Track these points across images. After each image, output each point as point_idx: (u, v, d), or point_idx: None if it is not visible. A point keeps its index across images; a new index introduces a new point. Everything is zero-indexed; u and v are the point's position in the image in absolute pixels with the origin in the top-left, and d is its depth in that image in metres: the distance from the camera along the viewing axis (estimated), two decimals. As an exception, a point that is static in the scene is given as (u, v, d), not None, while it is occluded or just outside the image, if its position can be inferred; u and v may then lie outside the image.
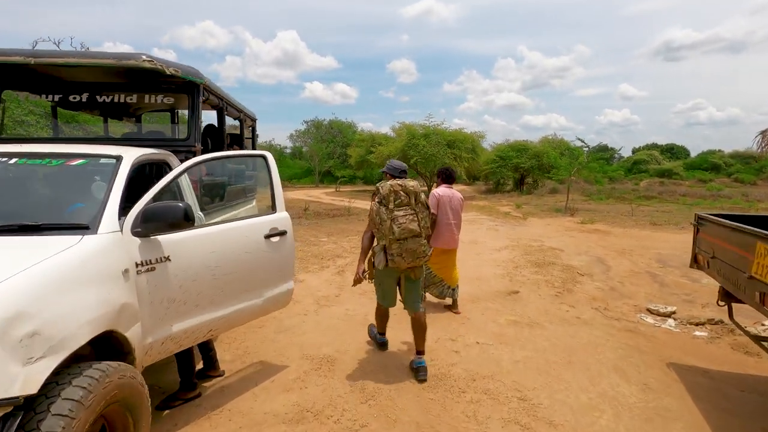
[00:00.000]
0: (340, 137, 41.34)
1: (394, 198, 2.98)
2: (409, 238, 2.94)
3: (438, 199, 4.40)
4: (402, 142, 21.89)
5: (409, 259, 2.96)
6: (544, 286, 5.62)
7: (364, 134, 30.80)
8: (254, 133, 5.73)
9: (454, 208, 4.44)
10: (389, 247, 2.94)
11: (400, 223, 2.92)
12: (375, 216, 3.02)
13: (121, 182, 2.28)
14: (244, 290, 2.72)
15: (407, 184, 3.06)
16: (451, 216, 4.43)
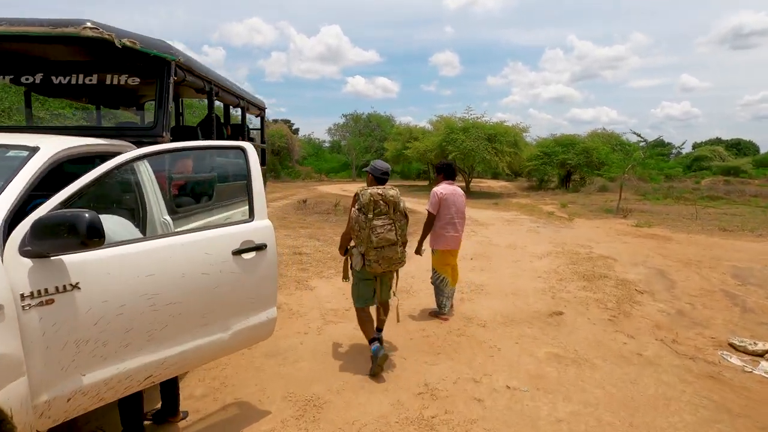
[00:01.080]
0: (378, 131, 40.82)
1: (373, 207, 3.00)
2: (386, 246, 3.01)
3: (440, 199, 4.12)
4: (439, 137, 20.96)
5: (385, 265, 3.06)
6: (594, 306, 4.71)
7: (401, 128, 30.04)
8: (263, 124, 5.18)
9: (458, 206, 4.22)
10: (367, 254, 3.02)
11: (378, 233, 2.97)
12: (354, 223, 3.04)
13: (23, 182, 1.71)
14: (201, 323, 2.11)
15: (387, 193, 3.06)
16: (455, 215, 4.19)
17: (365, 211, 3.00)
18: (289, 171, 35.06)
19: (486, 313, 4.42)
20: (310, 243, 8.05)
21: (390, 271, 3.17)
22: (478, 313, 4.42)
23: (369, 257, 3.01)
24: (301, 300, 4.76)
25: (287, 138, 34.65)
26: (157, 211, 2.60)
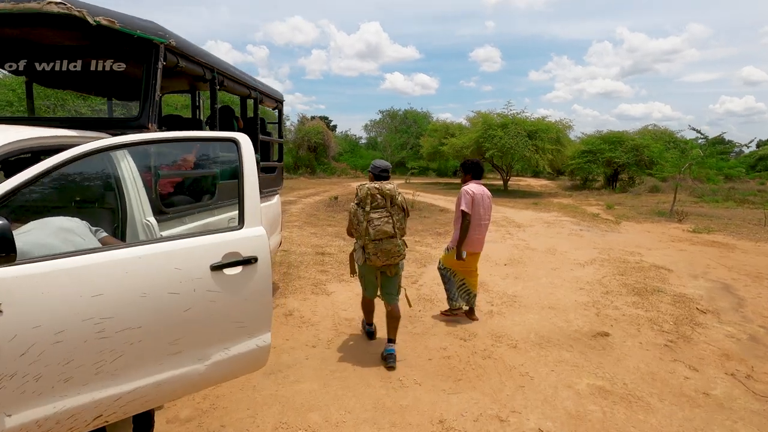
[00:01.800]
0: (415, 127, 40.28)
1: (371, 201, 3.08)
2: (384, 239, 3.06)
3: (472, 198, 3.94)
4: (477, 133, 20.18)
5: (384, 258, 3.10)
6: (647, 327, 4.08)
7: (437, 124, 29.35)
8: (280, 118, 4.87)
9: (486, 207, 4.07)
10: (366, 247, 3.08)
11: (375, 225, 3.04)
12: (353, 217, 3.16)
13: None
14: (168, 352, 1.78)
15: (384, 188, 3.11)
16: (483, 216, 4.05)
17: (363, 205, 3.10)
18: (325, 167, 35.18)
19: (518, 331, 3.91)
20: (335, 242, 7.75)
21: (389, 264, 3.17)
22: (509, 331, 3.92)
23: (368, 250, 3.08)
24: (315, 306, 4.43)
25: (324, 134, 34.76)
26: (138, 211, 2.31)
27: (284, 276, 5.48)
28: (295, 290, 4.91)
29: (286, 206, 13.49)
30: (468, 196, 3.87)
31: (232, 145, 2.31)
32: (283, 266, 5.97)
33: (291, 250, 7.06)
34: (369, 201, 3.07)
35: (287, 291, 4.88)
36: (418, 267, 6.12)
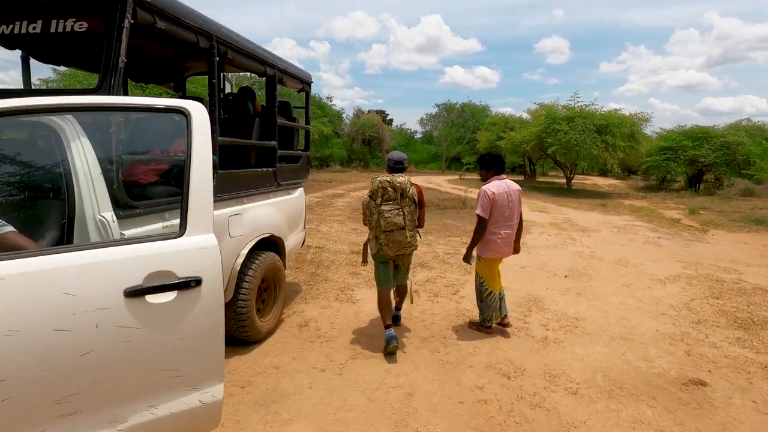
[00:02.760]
0: (472, 121, 38.80)
1: (382, 193, 3.13)
2: (395, 230, 3.11)
3: (492, 200, 3.47)
4: (539, 127, 18.70)
5: (395, 249, 3.17)
6: (761, 376, 3.08)
7: (496, 117, 27.87)
8: (308, 101, 4.34)
9: (513, 206, 3.58)
10: (378, 237, 3.15)
11: (386, 217, 3.10)
12: (366, 209, 3.21)
13: None
14: (53, 414, 1.25)
15: (395, 180, 3.13)
16: (509, 217, 3.57)
17: (374, 197, 3.16)
18: (378, 160, 34.87)
19: (580, 369, 3.09)
20: (374, 241, 7.16)
21: (402, 254, 3.28)
22: (568, 368, 3.11)
23: (380, 241, 3.15)
24: (336, 317, 3.87)
25: (378, 128, 34.45)
26: (91, 204, 1.84)
27: (311, 277, 4.98)
28: (318, 295, 4.39)
29: (333, 199, 13.17)
30: (486, 199, 3.42)
31: (183, 119, 1.73)
32: (312, 265, 5.48)
33: (326, 247, 6.58)
34: (380, 193, 3.14)
35: (309, 296, 4.36)
36: (461, 274, 5.38)
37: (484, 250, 3.57)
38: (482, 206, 3.44)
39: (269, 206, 3.45)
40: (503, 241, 3.54)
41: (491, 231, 3.50)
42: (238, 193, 3.00)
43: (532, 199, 14.83)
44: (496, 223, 3.49)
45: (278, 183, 3.63)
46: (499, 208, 3.46)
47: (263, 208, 3.34)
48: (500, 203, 3.46)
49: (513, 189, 3.55)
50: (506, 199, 3.49)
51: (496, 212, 3.47)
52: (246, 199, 3.13)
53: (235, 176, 2.99)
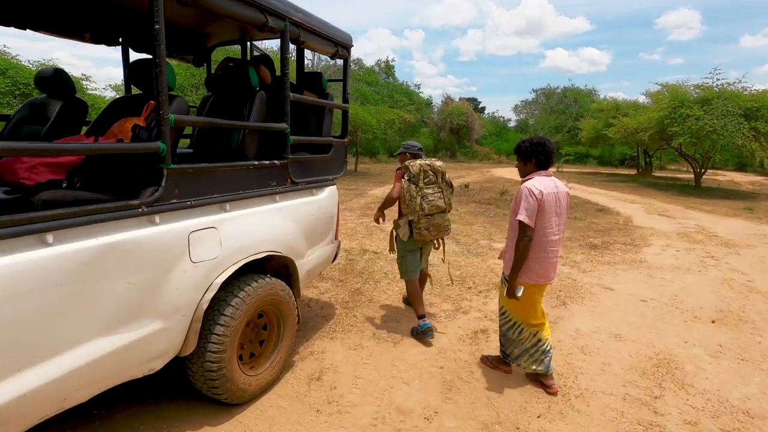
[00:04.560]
0: (575, 108, 34.89)
1: (423, 176, 3.10)
2: (436, 213, 3.10)
3: (538, 201, 2.46)
4: (661, 111, 15.54)
5: (435, 232, 3.15)
6: None
7: (604, 103, 24.30)
8: (346, 72, 3.27)
9: (561, 212, 2.56)
10: (417, 222, 3.09)
11: (429, 200, 3.07)
12: (405, 193, 3.10)
13: None
14: None
15: (435, 164, 3.15)
16: (556, 227, 2.53)
17: (415, 181, 3.08)
18: (467, 150, 32.96)
19: None
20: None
21: (434, 240, 3.26)
22: None
23: (419, 225, 3.09)
24: (364, 367, 2.81)
25: (467, 116, 32.46)
26: None
27: (352, 297, 3.99)
28: (352, 326, 3.37)
29: (408, 193, 12.12)
30: (531, 199, 2.47)
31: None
32: (359, 278, 4.49)
33: (384, 253, 5.55)
34: (422, 177, 3.09)
35: (340, 326, 3.36)
36: (555, 305, 3.97)
37: (524, 272, 2.54)
38: (527, 209, 2.44)
39: (272, 213, 2.48)
40: (549, 261, 2.54)
41: (536, 245, 2.52)
42: (209, 198, 2.07)
43: (648, 199, 12.26)
44: (541, 234, 2.51)
45: (291, 180, 2.64)
46: (546, 214, 2.49)
47: (260, 217, 2.38)
48: (548, 207, 2.48)
49: (562, 191, 2.57)
50: (554, 202, 2.51)
51: (543, 220, 2.49)
52: (229, 204, 2.19)
53: (203, 173, 2.05)
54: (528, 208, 2.43)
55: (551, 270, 2.57)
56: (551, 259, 2.54)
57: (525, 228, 2.44)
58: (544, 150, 2.54)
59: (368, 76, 28.57)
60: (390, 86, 30.77)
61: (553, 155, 2.58)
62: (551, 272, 2.57)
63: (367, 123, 16.12)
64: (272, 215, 2.50)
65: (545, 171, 2.57)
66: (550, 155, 2.56)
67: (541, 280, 2.55)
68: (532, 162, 2.57)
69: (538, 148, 2.54)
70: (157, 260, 1.81)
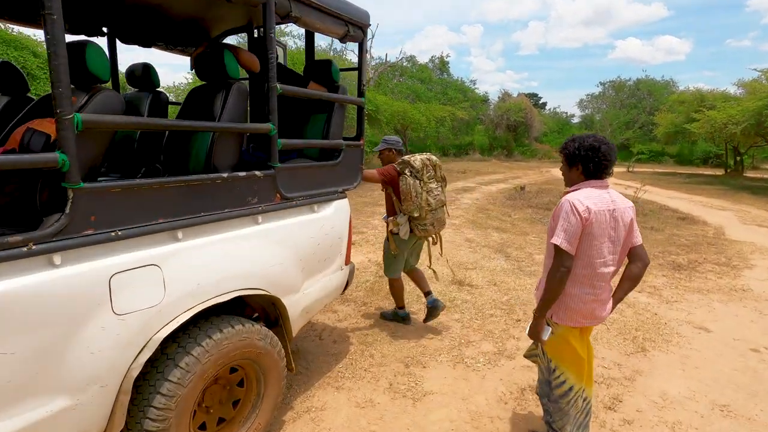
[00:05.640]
0: (649, 101, 31.86)
1: (426, 171, 3.04)
2: (438, 208, 3.10)
3: (585, 220, 1.79)
4: (760, 101, 13.40)
5: (438, 227, 3.14)
6: None
7: (686, 94, 21.72)
8: (362, 58, 2.64)
9: (618, 236, 1.86)
10: (423, 218, 3.05)
11: (435, 195, 3.05)
12: (411, 189, 3.01)
13: None
14: None
15: (432, 158, 3.12)
16: (610, 256, 1.85)
17: (420, 176, 3.02)
18: (525, 149, 31.16)
19: None
20: (491, 263, 5.17)
21: (435, 234, 3.23)
22: None
23: (425, 221, 3.05)
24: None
25: (526, 111, 30.63)
26: None
27: (374, 326, 3.37)
28: (366, 370, 2.75)
29: (460, 195, 11.29)
30: (574, 217, 1.78)
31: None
32: (387, 301, 3.86)
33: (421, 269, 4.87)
34: (425, 172, 3.04)
35: (348, 371, 2.74)
36: (631, 351, 3.10)
37: (559, 310, 1.92)
38: (565, 231, 1.78)
39: (250, 239, 1.93)
40: (596, 298, 1.87)
41: (577, 279, 1.86)
42: (150, 225, 1.53)
43: (741, 205, 10.50)
44: (587, 264, 1.84)
45: (281, 195, 2.08)
46: (595, 238, 1.80)
47: (231, 245, 1.83)
48: (598, 230, 1.80)
49: (622, 208, 1.85)
50: (608, 223, 1.82)
51: (590, 246, 1.81)
52: (182, 231, 1.65)
53: (139, 192, 1.52)
54: (568, 229, 1.77)
55: (599, 308, 1.89)
56: (600, 296, 1.87)
57: (561, 255, 1.79)
58: (597, 156, 1.82)
59: (421, 73, 27.82)
60: (444, 83, 29.79)
61: (611, 163, 1.85)
62: (600, 312, 1.90)
63: (416, 121, 15.43)
64: (250, 241, 1.94)
65: (599, 181, 1.85)
66: (605, 163, 1.83)
67: (585, 321, 1.90)
68: (578, 168, 1.88)
69: (588, 152, 1.83)
70: (55, 317, 1.31)
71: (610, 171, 1.83)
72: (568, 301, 1.86)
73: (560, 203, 1.83)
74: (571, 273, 1.82)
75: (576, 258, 1.80)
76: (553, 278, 1.80)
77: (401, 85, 24.33)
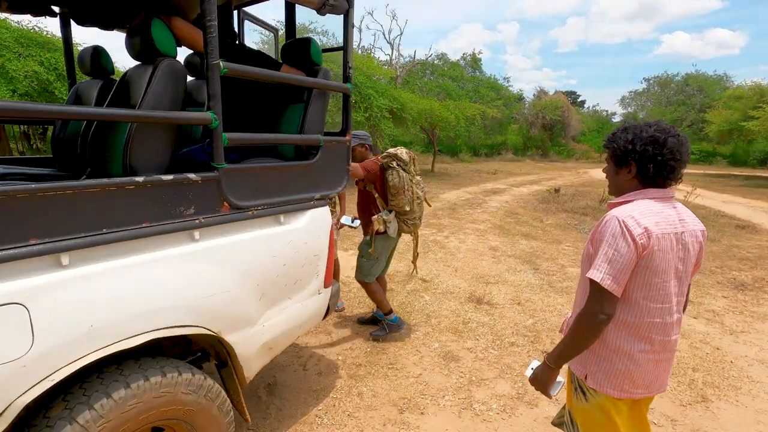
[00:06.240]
0: (699, 98, 29.75)
1: (412, 164, 2.96)
2: (421, 202, 3.03)
3: (642, 249, 1.19)
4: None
5: (420, 221, 3.08)
6: None
7: (743, 89, 19.95)
8: (347, 33, 2.14)
9: (686, 270, 1.27)
10: (412, 212, 2.96)
11: (422, 187, 3.00)
12: (404, 183, 2.87)
13: None
14: None
15: (410, 151, 3.01)
16: (675, 297, 1.26)
17: (407, 170, 2.91)
18: (561, 149, 29.74)
19: None
20: (516, 276, 4.57)
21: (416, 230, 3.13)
22: None
23: (414, 215, 2.98)
24: None
25: (563, 110, 29.20)
26: None
27: (370, 353, 2.89)
28: (346, 420, 2.26)
29: (488, 197, 10.63)
30: (624, 244, 1.17)
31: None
32: (391, 323, 3.37)
33: (435, 281, 4.36)
34: (411, 164, 2.94)
35: (328, 415, 2.27)
36: (689, 400, 2.47)
37: (598, 372, 1.34)
38: (611, 262, 1.21)
39: (177, 263, 1.48)
40: (656, 358, 1.29)
41: (627, 329, 1.28)
42: (6, 248, 1.11)
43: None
44: (642, 311, 1.25)
45: (230, 204, 1.63)
46: (656, 274, 1.22)
47: (145, 272, 1.39)
48: (660, 263, 1.22)
49: (692, 229, 1.27)
50: (674, 250, 1.23)
51: (649, 284, 1.23)
52: (70, 256, 1.22)
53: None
54: (614, 260, 1.20)
55: (660, 372, 1.32)
56: (661, 355, 1.30)
57: (602, 297, 1.22)
58: (661, 152, 1.23)
59: (452, 71, 27.05)
60: (476, 81, 28.85)
61: (681, 164, 1.26)
62: (662, 376, 1.33)
63: (444, 119, 14.80)
64: (181, 264, 1.50)
65: (661, 190, 1.28)
66: (672, 164, 1.25)
67: (637, 392, 1.31)
68: (631, 171, 1.29)
69: (648, 147, 1.24)
70: None
71: (678, 176, 1.27)
72: (614, 360, 1.31)
73: (604, 220, 1.27)
74: (618, 321, 1.27)
75: (625, 301, 1.25)
76: (586, 326, 1.25)
77: (431, 83, 23.66)
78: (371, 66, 13.73)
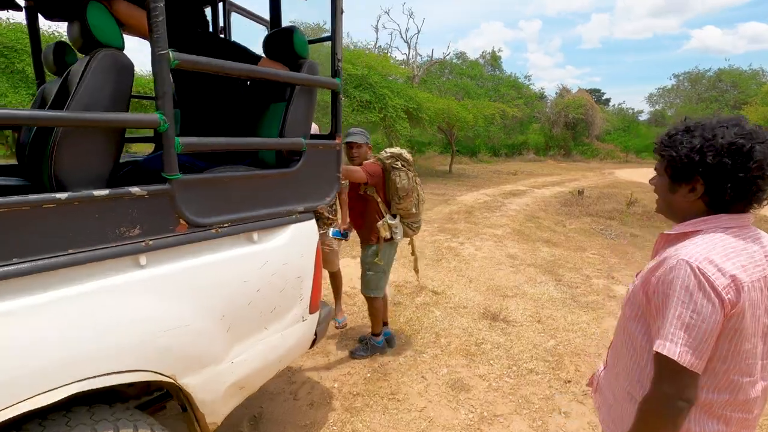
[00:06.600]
0: (733, 94, 28.41)
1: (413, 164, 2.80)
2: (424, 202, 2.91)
3: (729, 307, 0.83)
4: None
5: (421, 224, 2.97)
6: None
7: (782, 84, 18.84)
8: (335, 15, 1.85)
9: None
10: (418, 214, 2.83)
11: (422, 187, 2.86)
12: (412, 184, 2.70)
13: None
14: None
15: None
16: (760, 360, 0.89)
17: (411, 170, 2.73)
18: (585, 148, 28.82)
19: None
20: (537, 289, 4.21)
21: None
22: None
23: (419, 218, 2.87)
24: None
25: (586, 108, 28.28)
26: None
27: (370, 379, 2.59)
28: (343, 459, 1.98)
29: (507, 199, 10.20)
30: (707, 303, 0.81)
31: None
32: (398, 339, 3.06)
33: (447, 292, 4.03)
34: (412, 164, 2.77)
35: (322, 456, 1.99)
36: None
37: None
38: (689, 330, 0.81)
39: (115, 295, 1.23)
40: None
41: (698, 408, 0.89)
42: None
43: None
44: (727, 385, 0.87)
45: (187, 221, 1.36)
46: (744, 338, 0.83)
47: (65, 309, 1.13)
48: (750, 321, 0.81)
49: None
50: (764, 303, 0.83)
51: (735, 351, 0.84)
52: None
53: None
54: (693, 326, 0.85)
55: None
56: None
57: (680, 377, 0.86)
58: (747, 166, 0.87)
59: (472, 69, 26.53)
60: (495, 79, 28.24)
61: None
62: None
63: (462, 119, 14.40)
64: (121, 297, 1.24)
65: (739, 217, 0.93)
66: (762, 181, 0.89)
67: None
68: (697, 188, 0.94)
69: (728, 159, 0.88)
70: None
71: (764, 197, 0.92)
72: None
73: (668, 265, 0.91)
74: (709, 401, 0.93)
75: (710, 369, 0.91)
76: (658, 417, 0.89)
77: (449, 82, 23.22)
78: (387, 65, 13.45)
